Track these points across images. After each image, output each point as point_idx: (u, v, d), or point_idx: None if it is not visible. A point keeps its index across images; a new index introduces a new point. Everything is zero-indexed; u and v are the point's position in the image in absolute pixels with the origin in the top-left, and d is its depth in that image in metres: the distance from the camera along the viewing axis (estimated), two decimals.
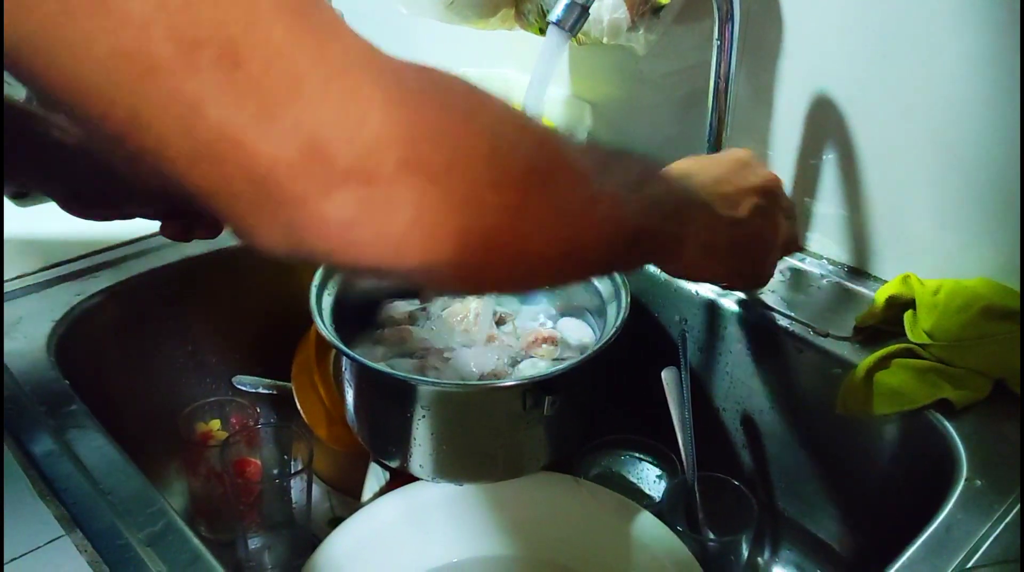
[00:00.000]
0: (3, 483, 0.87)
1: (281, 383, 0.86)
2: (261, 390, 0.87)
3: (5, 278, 0.78)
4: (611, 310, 0.70)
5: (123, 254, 0.82)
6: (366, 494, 0.75)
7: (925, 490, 0.63)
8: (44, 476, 0.59)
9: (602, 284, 0.72)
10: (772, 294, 0.78)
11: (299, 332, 0.81)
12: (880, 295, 0.72)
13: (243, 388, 0.87)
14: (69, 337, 0.72)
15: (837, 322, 0.74)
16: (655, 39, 0.78)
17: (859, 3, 0.73)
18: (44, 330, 0.71)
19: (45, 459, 0.60)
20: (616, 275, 0.71)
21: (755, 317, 0.76)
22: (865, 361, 0.68)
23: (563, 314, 0.77)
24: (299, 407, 0.78)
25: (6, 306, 0.74)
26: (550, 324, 0.76)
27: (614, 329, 0.67)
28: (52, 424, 0.62)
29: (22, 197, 0.89)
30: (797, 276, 0.80)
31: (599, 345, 0.66)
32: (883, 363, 0.68)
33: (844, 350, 0.71)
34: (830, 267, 0.81)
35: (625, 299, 0.69)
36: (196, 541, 0.55)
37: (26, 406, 0.64)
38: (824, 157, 0.80)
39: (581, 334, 0.74)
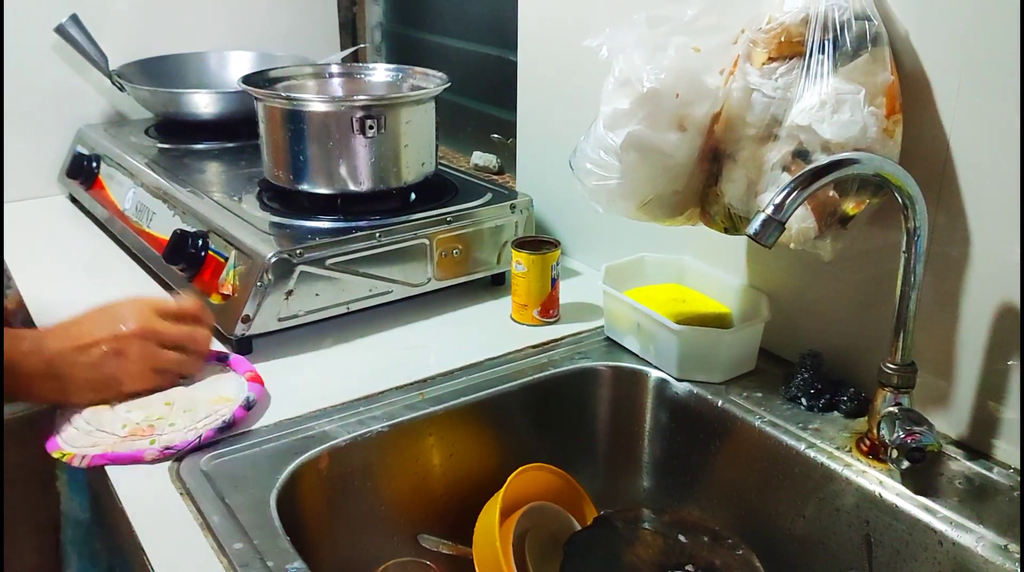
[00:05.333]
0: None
1: (462, 547, 0.90)
2: (442, 550, 0.92)
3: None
4: None
5: (336, 417, 0.91)
6: None
7: None
8: None
9: None
10: (959, 503, 0.77)
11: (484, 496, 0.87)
12: None
13: (426, 546, 0.92)
14: (287, 493, 0.80)
15: None
16: (841, 247, 0.82)
17: None
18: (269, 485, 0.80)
19: None
20: None
21: (942, 526, 0.75)
22: None
23: None
24: None
25: (229, 460, 0.84)
26: None
27: None
28: None
29: None
30: (984, 486, 0.79)
31: None
32: None
33: None
34: (1018, 479, 0.80)
35: None
36: None
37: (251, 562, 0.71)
38: (1011, 362, 0.80)
39: None
